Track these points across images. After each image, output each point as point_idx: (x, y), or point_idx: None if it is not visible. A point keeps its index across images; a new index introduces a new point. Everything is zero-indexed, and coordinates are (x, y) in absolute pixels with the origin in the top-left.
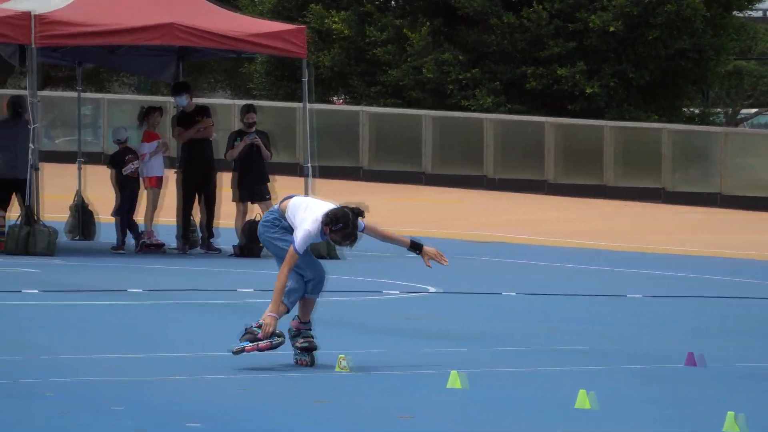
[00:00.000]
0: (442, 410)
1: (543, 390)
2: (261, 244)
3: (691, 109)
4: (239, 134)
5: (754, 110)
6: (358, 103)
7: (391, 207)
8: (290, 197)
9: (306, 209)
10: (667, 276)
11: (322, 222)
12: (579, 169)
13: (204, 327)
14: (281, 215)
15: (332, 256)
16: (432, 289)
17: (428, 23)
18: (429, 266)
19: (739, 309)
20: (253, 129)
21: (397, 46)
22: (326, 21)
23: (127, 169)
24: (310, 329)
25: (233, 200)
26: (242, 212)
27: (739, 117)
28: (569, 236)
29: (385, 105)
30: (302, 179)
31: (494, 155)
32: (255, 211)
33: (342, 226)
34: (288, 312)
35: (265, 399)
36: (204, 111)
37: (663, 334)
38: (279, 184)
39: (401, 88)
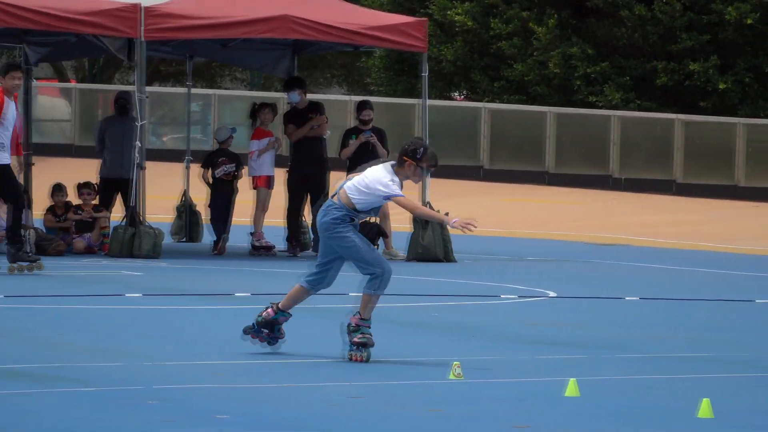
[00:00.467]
0: (559, 420)
1: (662, 399)
2: (375, 246)
3: None
4: (354, 132)
5: None
6: (480, 99)
7: (509, 207)
8: (341, 187)
9: (366, 176)
10: None
11: (405, 159)
12: (708, 168)
13: (313, 332)
14: (343, 205)
15: (449, 259)
16: (551, 294)
17: (555, 15)
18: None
19: None
20: (369, 126)
21: (523, 39)
22: (449, 13)
23: (219, 172)
24: (369, 326)
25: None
26: None
27: None
28: (696, 239)
29: (509, 101)
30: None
31: (620, 154)
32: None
33: (423, 148)
34: (308, 294)
35: (376, 408)
36: (317, 108)
37: None
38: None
39: (526, 83)
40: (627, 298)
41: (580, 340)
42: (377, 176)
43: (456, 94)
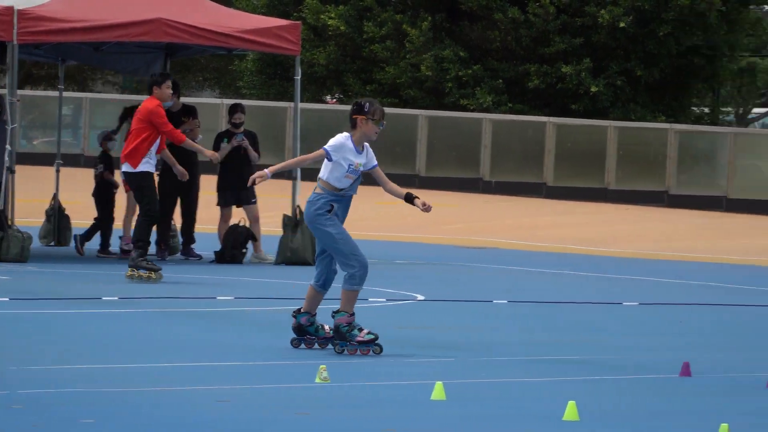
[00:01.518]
0: (426, 423)
1: (530, 401)
2: (244, 251)
3: (701, 108)
4: (226, 135)
5: (765, 109)
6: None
7: (382, 210)
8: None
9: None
10: (666, 283)
11: (356, 117)
12: (580, 171)
13: (181, 336)
14: (324, 190)
15: None
16: (420, 297)
17: (429, 18)
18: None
19: (739, 316)
20: (241, 129)
21: (396, 42)
22: (322, 17)
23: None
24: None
25: (217, 204)
26: (225, 217)
27: (750, 117)
28: (567, 242)
29: (382, 104)
30: (290, 182)
31: (491, 157)
32: (240, 215)
33: (369, 103)
34: (317, 292)
35: (243, 411)
36: (190, 111)
37: (658, 343)
38: (265, 188)
39: (398, 86)
40: (495, 302)
41: (447, 343)
42: (330, 141)
43: (328, 97)
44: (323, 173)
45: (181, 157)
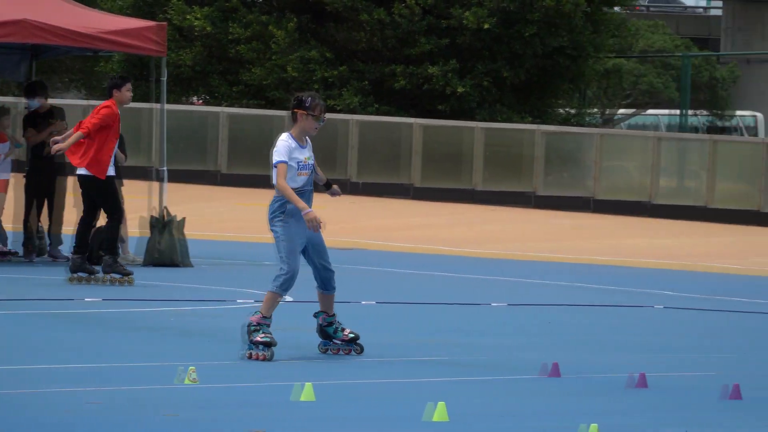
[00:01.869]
0: (295, 424)
1: (394, 402)
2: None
3: (567, 109)
4: None
5: (631, 110)
6: (218, 104)
7: (246, 212)
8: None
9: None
10: (534, 284)
11: (296, 109)
12: (447, 172)
13: (49, 338)
14: (278, 194)
15: (186, 264)
16: (289, 298)
17: (295, 19)
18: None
19: (605, 317)
20: None
21: (262, 43)
22: (188, 17)
23: None
24: (269, 325)
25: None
26: None
27: (616, 117)
28: (434, 242)
29: (247, 105)
30: (156, 183)
31: (358, 158)
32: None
33: (311, 98)
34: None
35: (113, 413)
36: (58, 113)
37: (527, 344)
38: (131, 188)
39: (264, 87)
40: (363, 303)
41: (315, 343)
42: (276, 146)
43: (195, 98)
44: (274, 174)
45: (45, 160)
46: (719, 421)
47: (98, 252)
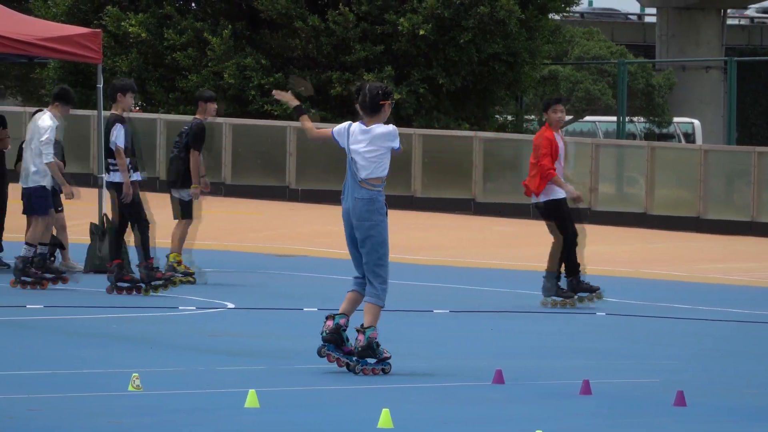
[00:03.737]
0: (239, 430)
1: (342, 409)
2: (52, 259)
3: (505, 116)
4: None
5: (569, 117)
6: (155, 110)
7: None
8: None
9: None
10: (475, 290)
11: (383, 102)
12: (387, 178)
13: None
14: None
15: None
16: (230, 305)
17: (230, 26)
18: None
19: (549, 324)
20: None
21: (197, 50)
22: (123, 24)
23: None
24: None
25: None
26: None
27: None
28: None
29: (184, 112)
30: (95, 190)
31: (297, 164)
32: None
33: (379, 88)
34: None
35: (55, 420)
36: (0, 121)
37: (470, 350)
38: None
39: None
40: (306, 309)
41: (259, 350)
42: (387, 130)
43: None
44: (381, 170)
45: None
46: (665, 428)
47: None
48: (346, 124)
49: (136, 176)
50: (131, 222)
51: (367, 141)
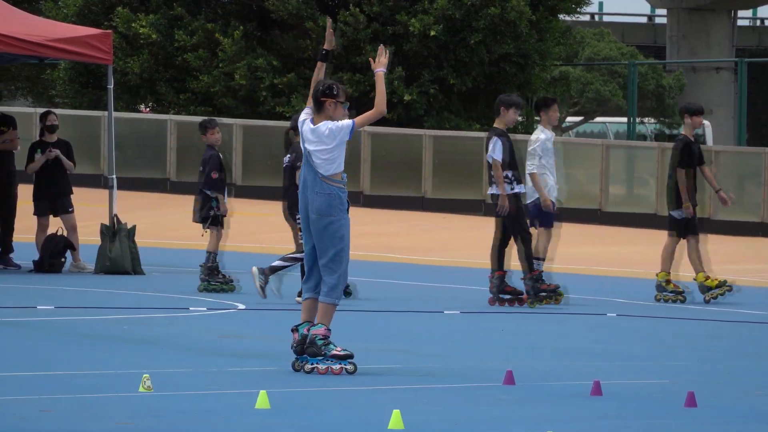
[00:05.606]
0: (249, 431)
1: (353, 410)
2: (63, 260)
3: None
4: (39, 146)
5: (579, 118)
6: (166, 111)
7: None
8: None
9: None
10: (485, 292)
11: (323, 98)
12: (396, 180)
13: (1, 346)
14: (340, 180)
15: (137, 271)
16: (241, 306)
17: (241, 27)
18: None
19: (556, 325)
20: (55, 137)
21: (208, 51)
22: (134, 25)
23: None
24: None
25: (34, 213)
26: (43, 226)
27: (564, 125)
28: (386, 250)
29: (195, 113)
30: (106, 191)
31: None
32: (57, 224)
33: (334, 84)
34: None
35: (66, 421)
36: (9, 121)
37: (481, 351)
38: (82, 196)
39: (212, 94)
40: None
41: (270, 351)
42: (336, 126)
43: (142, 106)
44: (334, 168)
45: None
46: (675, 429)
47: (50, 260)
48: (303, 116)
49: (519, 188)
50: (513, 234)
51: (316, 140)
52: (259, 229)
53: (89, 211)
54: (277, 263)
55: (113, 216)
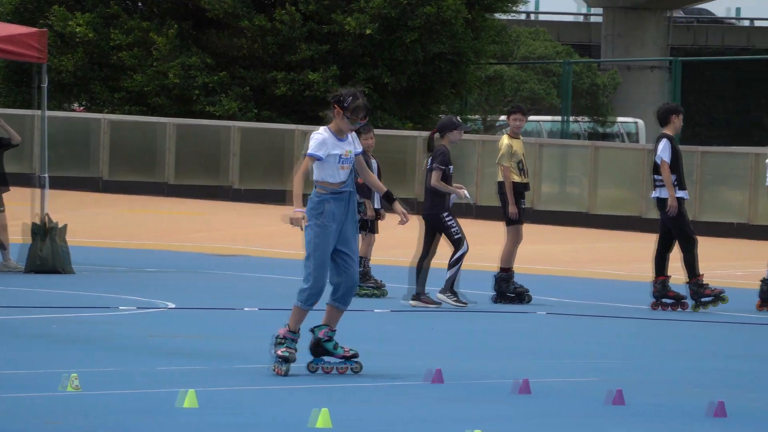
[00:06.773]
0: (176, 430)
1: (282, 409)
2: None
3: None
4: None
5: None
6: (100, 110)
7: (128, 219)
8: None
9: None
10: (413, 289)
11: (335, 105)
12: None
13: None
14: (324, 187)
15: (67, 270)
16: (171, 305)
17: (176, 26)
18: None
19: (486, 323)
20: None
21: (143, 50)
22: (69, 24)
23: None
24: (296, 340)
25: None
26: None
27: (498, 124)
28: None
29: (129, 112)
30: (36, 190)
31: (240, 165)
32: None
33: (352, 96)
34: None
35: None
36: None
37: (409, 350)
38: (10, 195)
39: (145, 93)
40: (246, 309)
41: (199, 350)
42: (310, 143)
43: (76, 105)
44: (316, 174)
45: None
46: (603, 427)
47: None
48: (319, 138)
49: (683, 194)
50: (676, 238)
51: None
52: (192, 227)
53: (19, 210)
54: (447, 275)
55: (44, 215)
